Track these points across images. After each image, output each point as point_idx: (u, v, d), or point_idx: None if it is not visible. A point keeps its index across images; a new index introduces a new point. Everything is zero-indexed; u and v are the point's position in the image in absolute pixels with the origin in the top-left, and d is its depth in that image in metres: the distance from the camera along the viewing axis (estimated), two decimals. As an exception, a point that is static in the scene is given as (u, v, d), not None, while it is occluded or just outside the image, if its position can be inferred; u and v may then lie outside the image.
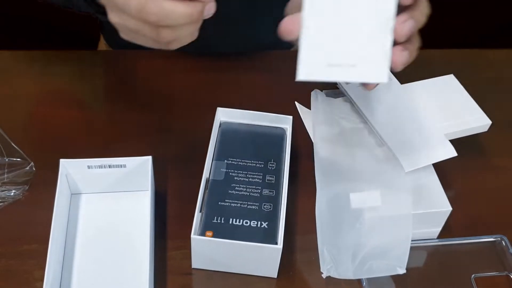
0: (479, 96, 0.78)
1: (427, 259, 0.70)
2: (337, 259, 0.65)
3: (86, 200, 0.71)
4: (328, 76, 0.55)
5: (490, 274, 0.68)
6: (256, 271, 0.66)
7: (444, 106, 0.77)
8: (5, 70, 0.88)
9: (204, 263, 0.66)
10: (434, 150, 0.71)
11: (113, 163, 0.68)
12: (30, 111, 0.82)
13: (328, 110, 0.78)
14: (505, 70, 0.94)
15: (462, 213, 0.72)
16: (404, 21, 0.55)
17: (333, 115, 0.77)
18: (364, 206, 0.67)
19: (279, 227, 0.64)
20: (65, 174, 0.68)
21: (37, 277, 0.62)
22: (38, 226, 0.67)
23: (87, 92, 0.86)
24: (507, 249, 0.70)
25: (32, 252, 0.66)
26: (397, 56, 0.56)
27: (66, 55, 0.91)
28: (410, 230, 0.66)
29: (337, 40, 0.55)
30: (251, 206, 0.66)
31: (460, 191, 0.75)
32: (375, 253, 0.65)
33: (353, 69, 0.55)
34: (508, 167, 0.80)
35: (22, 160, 0.74)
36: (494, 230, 0.72)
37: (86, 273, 0.65)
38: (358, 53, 0.55)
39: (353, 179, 0.69)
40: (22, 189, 0.72)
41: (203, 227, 0.64)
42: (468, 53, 0.97)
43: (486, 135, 0.77)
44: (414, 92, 0.78)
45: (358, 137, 0.74)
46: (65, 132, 0.80)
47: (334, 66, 0.55)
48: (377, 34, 0.55)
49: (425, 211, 0.67)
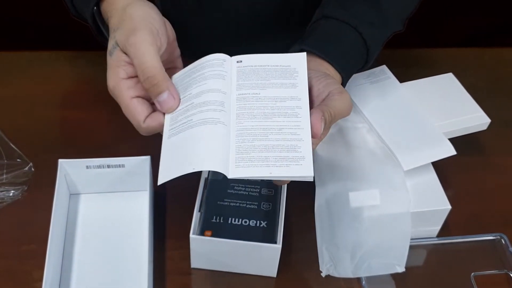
0: (478, 95, 0.78)
1: (426, 258, 0.70)
2: (336, 258, 0.65)
3: (85, 200, 0.71)
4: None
5: (490, 272, 0.68)
6: (255, 270, 0.66)
7: (443, 104, 0.77)
8: (4, 71, 0.88)
9: (203, 263, 0.66)
10: (433, 148, 0.71)
11: (111, 163, 0.68)
12: (28, 112, 0.82)
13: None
14: (504, 69, 0.94)
15: (461, 211, 0.72)
16: (319, 119, 0.58)
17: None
18: (363, 205, 0.67)
19: (278, 226, 0.64)
20: (64, 174, 0.68)
21: (36, 277, 0.62)
22: (37, 227, 0.67)
23: (85, 92, 0.86)
24: (507, 248, 0.70)
25: (31, 252, 0.66)
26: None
27: (66, 56, 0.91)
28: (409, 229, 0.66)
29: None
30: (250, 206, 0.66)
31: (459, 189, 0.75)
32: (374, 251, 0.65)
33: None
34: (507, 165, 0.80)
35: (21, 160, 0.74)
36: (494, 228, 0.72)
37: (85, 273, 0.65)
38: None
39: (352, 178, 0.69)
40: (21, 189, 0.72)
41: (202, 226, 0.64)
42: (467, 52, 0.97)
43: (486, 133, 0.77)
44: (413, 91, 0.78)
45: (356, 137, 0.74)
46: (63, 133, 0.80)
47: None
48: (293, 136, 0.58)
49: (424, 209, 0.67)
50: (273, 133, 0.58)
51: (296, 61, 0.63)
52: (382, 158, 0.71)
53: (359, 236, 0.66)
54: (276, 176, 0.56)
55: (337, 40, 0.69)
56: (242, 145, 0.57)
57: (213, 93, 0.60)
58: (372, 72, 0.80)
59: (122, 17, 0.62)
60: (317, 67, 0.66)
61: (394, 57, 0.84)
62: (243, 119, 0.59)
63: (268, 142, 0.57)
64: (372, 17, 0.71)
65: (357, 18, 0.69)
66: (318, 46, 0.67)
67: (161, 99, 0.61)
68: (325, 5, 0.73)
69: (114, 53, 0.61)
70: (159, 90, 0.60)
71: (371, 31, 0.70)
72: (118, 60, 0.61)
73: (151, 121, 0.61)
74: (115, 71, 0.61)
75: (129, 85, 0.61)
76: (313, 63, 0.67)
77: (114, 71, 0.61)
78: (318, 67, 0.66)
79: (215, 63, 0.63)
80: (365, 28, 0.69)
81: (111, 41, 0.62)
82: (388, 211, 0.67)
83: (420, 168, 0.69)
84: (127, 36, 0.60)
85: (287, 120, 0.58)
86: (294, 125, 0.58)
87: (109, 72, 0.62)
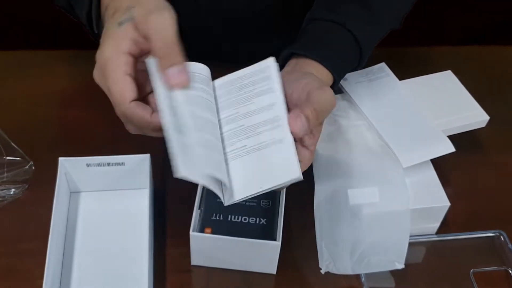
0: (478, 92, 0.78)
1: (425, 255, 0.70)
2: (336, 254, 0.65)
3: (85, 198, 0.72)
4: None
5: (489, 269, 0.68)
6: (255, 267, 0.66)
7: (442, 102, 0.77)
8: (4, 70, 0.88)
9: (203, 260, 0.67)
10: (432, 145, 0.71)
11: (112, 161, 0.69)
12: (29, 111, 0.82)
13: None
14: (503, 67, 0.94)
15: (461, 208, 0.72)
16: (296, 117, 0.57)
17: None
18: (362, 202, 0.67)
19: (278, 224, 0.64)
20: (64, 172, 0.69)
21: (37, 275, 0.62)
22: (37, 224, 0.67)
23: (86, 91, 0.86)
24: (506, 244, 0.70)
25: (32, 250, 0.67)
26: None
27: (66, 55, 0.91)
28: (408, 226, 0.66)
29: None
30: (250, 203, 0.66)
31: (459, 186, 0.75)
32: (374, 248, 0.65)
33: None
34: (506, 162, 0.80)
35: (22, 159, 0.74)
36: (493, 225, 0.72)
37: (86, 271, 0.65)
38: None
39: (351, 176, 0.70)
40: (21, 187, 0.72)
41: (202, 224, 0.64)
42: (465, 50, 0.98)
43: (485, 131, 0.78)
44: (412, 88, 0.78)
45: (355, 134, 0.74)
46: (64, 132, 0.80)
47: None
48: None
49: (423, 206, 0.67)
50: (255, 147, 0.58)
51: (266, 68, 0.62)
52: (381, 155, 0.71)
53: (358, 233, 0.66)
54: (267, 189, 0.57)
55: (326, 40, 0.69)
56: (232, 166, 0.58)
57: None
58: (371, 70, 0.80)
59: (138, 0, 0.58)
60: (305, 68, 0.66)
61: (393, 55, 0.85)
62: (227, 143, 0.59)
63: (251, 156, 0.58)
64: (361, 15, 0.71)
65: (344, 16, 0.70)
66: (307, 48, 0.68)
67: (175, 70, 0.56)
68: (314, 9, 0.73)
69: (124, 24, 0.57)
70: (176, 59, 0.56)
71: (361, 28, 0.70)
72: (127, 32, 0.56)
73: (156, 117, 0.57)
74: (117, 42, 0.56)
75: (127, 61, 0.56)
76: (301, 65, 0.67)
77: (117, 41, 0.56)
78: (306, 68, 0.66)
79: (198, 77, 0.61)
80: (354, 25, 0.69)
81: (122, 15, 0.57)
82: (388, 208, 0.67)
83: (419, 165, 0.70)
84: (148, 12, 0.56)
85: (267, 130, 0.59)
86: (274, 133, 0.58)
87: (108, 42, 0.57)
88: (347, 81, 0.78)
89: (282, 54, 0.70)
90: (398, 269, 0.65)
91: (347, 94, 0.77)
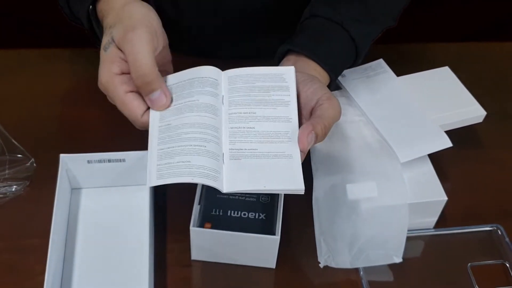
0: (474, 88, 0.79)
1: (423, 249, 0.71)
2: (334, 249, 0.66)
3: (86, 195, 0.72)
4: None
5: (486, 262, 0.69)
6: (255, 262, 0.67)
7: (439, 97, 0.77)
8: (6, 68, 0.89)
9: (203, 255, 0.67)
10: (429, 140, 0.71)
11: (112, 158, 0.69)
12: (30, 109, 0.83)
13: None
14: (500, 63, 0.95)
15: (458, 203, 0.73)
16: (307, 134, 0.59)
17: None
18: (360, 197, 0.67)
19: (277, 218, 0.65)
20: (65, 169, 0.69)
21: (38, 271, 0.62)
22: (39, 221, 0.68)
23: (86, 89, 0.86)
24: (503, 238, 0.71)
25: (34, 246, 0.67)
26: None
27: (67, 54, 0.91)
28: (406, 220, 0.67)
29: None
30: (249, 198, 0.67)
31: (456, 181, 0.76)
32: (372, 242, 0.66)
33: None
34: (503, 157, 0.81)
35: (23, 156, 0.75)
36: (490, 219, 0.73)
37: (87, 267, 0.66)
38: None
39: (349, 171, 0.70)
40: (23, 184, 0.73)
41: (201, 219, 0.65)
42: (463, 46, 0.98)
43: (482, 126, 0.78)
44: (409, 84, 0.79)
45: (353, 130, 0.74)
46: (64, 129, 0.81)
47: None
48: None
49: (421, 200, 0.68)
50: (265, 154, 0.60)
51: (286, 76, 0.64)
52: (379, 150, 0.72)
53: (356, 227, 0.67)
54: (269, 189, 0.59)
55: (324, 39, 0.70)
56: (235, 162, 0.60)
57: (206, 112, 0.62)
58: (369, 66, 0.80)
59: (120, 15, 0.62)
60: (304, 67, 0.68)
61: (391, 51, 0.85)
62: (236, 140, 0.61)
63: (260, 160, 0.60)
64: (357, 13, 0.72)
65: (342, 15, 0.71)
66: (306, 47, 0.69)
67: (153, 97, 0.61)
68: (313, 3, 0.74)
69: (109, 48, 0.62)
70: (151, 87, 0.60)
71: (358, 27, 0.71)
72: (113, 55, 0.61)
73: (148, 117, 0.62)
74: (108, 66, 0.61)
75: (122, 80, 0.61)
76: (300, 63, 0.68)
77: (108, 66, 0.61)
78: (305, 68, 0.68)
79: (207, 81, 0.64)
80: (351, 25, 0.71)
81: (106, 37, 0.62)
82: (386, 203, 0.67)
83: (416, 160, 0.70)
84: (124, 32, 0.60)
85: (279, 141, 0.61)
86: (285, 147, 0.61)
87: (102, 67, 0.62)
88: (345, 78, 0.78)
89: (280, 49, 0.70)
90: (396, 263, 0.66)
91: (345, 90, 0.78)
